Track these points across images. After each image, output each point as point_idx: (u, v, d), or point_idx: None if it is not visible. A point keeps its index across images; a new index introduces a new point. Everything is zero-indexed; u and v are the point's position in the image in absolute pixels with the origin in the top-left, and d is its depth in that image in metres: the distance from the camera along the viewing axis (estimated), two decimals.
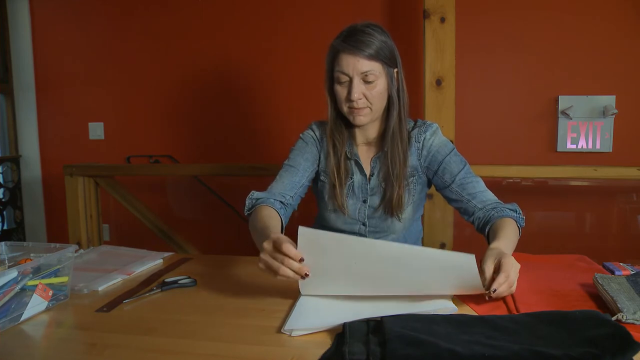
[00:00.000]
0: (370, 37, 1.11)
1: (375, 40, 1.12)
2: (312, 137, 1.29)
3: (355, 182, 1.24)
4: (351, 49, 1.11)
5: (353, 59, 1.11)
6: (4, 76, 2.87)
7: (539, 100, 2.26)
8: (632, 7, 2.14)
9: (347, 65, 1.12)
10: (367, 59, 1.11)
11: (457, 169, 1.22)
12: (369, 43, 1.11)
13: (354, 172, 1.25)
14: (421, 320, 0.77)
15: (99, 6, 2.71)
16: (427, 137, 1.24)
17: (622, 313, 0.78)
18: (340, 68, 1.13)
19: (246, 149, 2.61)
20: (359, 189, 1.24)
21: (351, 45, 1.11)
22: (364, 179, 1.24)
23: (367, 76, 1.12)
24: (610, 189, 2.26)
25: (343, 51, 1.12)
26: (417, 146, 1.24)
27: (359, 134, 1.26)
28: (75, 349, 0.80)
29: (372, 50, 1.11)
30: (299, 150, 1.27)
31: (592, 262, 1.16)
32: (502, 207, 1.15)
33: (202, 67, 2.61)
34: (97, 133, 2.79)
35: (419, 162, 1.24)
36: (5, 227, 2.88)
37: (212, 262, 1.28)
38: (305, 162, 1.25)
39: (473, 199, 1.19)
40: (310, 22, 2.44)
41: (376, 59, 1.12)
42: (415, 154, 1.24)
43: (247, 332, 0.83)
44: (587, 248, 2.18)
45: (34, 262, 0.94)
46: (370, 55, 1.11)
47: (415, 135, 1.24)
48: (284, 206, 1.19)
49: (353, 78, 1.12)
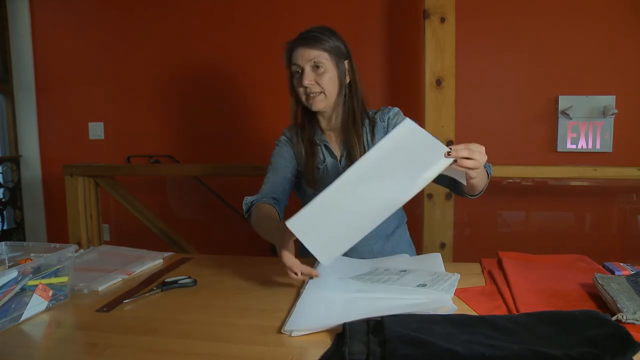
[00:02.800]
0: (315, 33, 1.27)
1: (321, 35, 1.27)
2: (285, 140, 1.42)
3: (328, 165, 1.35)
4: (300, 43, 1.27)
5: (302, 51, 1.26)
6: (4, 76, 2.87)
7: (539, 100, 2.26)
8: (632, 7, 2.14)
9: (297, 57, 1.27)
10: (314, 49, 1.26)
11: None
12: (314, 37, 1.27)
13: (325, 156, 1.35)
14: (421, 320, 0.77)
15: (99, 6, 2.71)
16: (391, 116, 1.35)
17: (622, 313, 0.79)
18: (294, 61, 1.28)
19: (246, 149, 2.61)
20: (333, 170, 1.35)
21: (300, 40, 1.27)
22: (335, 161, 1.35)
23: (316, 63, 1.26)
24: (610, 189, 2.26)
25: (294, 47, 1.28)
26: (382, 125, 1.34)
27: (324, 122, 1.37)
28: (75, 349, 0.80)
29: (318, 42, 1.26)
30: (276, 153, 1.41)
31: (592, 262, 1.16)
32: None
33: (203, 67, 2.61)
34: (97, 133, 2.79)
35: None
36: (5, 227, 2.88)
37: (212, 262, 1.28)
38: (284, 161, 1.38)
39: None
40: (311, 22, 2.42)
41: (323, 49, 1.26)
42: (381, 132, 1.34)
43: (247, 332, 0.83)
44: (587, 248, 2.17)
45: (34, 262, 0.94)
46: (316, 46, 1.26)
47: (380, 116, 1.35)
48: (277, 202, 1.31)
49: (304, 67, 1.26)
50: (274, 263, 1.34)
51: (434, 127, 2.01)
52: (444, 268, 1.12)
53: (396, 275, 1.06)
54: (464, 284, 1.04)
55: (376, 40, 2.40)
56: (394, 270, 1.10)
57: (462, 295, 0.97)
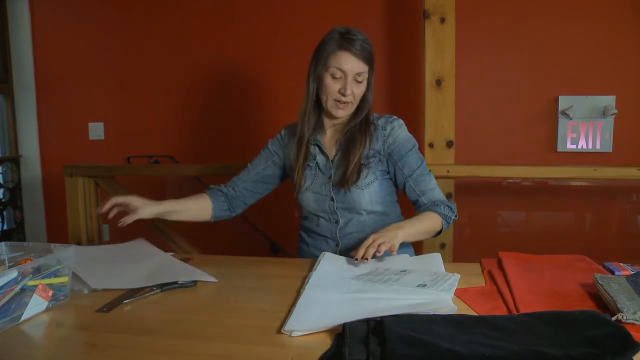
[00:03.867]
0: (365, 43, 1.26)
1: (368, 46, 1.27)
2: (278, 140, 1.46)
3: (319, 162, 1.37)
4: (352, 50, 1.24)
5: (353, 60, 1.25)
6: (4, 76, 2.87)
7: (539, 100, 2.26)
8: (632, 7, 2.14)
9: (346, 63, 1.24)
10: (363, 62, 1.26)
11: (415, 165, 1.34)
12: (365, 47, 1.26)
13: (316, 154, 1.37)
14: (421, 320, 0.77)
15: (99, 6, 2.71)
16: (395, 127, 1.35)
17: (622, 313, 0.79)
18: (339, 65, 1.25)
19: (246, 149, 2.61)
20: (324, 167, 1.36)
21: (352, 46, 1.24)
22: (326, 159, 1.37)
23: (359, 77, 1.27)
24: (610, 189, 2.26)
25: (344, 50, 1.24)
26: (383, 133, 1.35)
27: (327, 121, 1.38)
28: (75, 349, 0.80)
29: (367, 54, 1.26)
30: (261, 153, 1.48)
31: (592, 262, 1.16)
32: (440, 205, 1.30)
33: (202, 67, 2.61)
34: (97, 133, 2.79)
35: (383, 147, 1.35)
36: (5, 227, 2.88)
37: (211, 262, 1.28)
38: (259, 161, 1.46)
39: (423, 195, 1.33)
40: (311, 23, 2.44)
41: (367, 63, 1.28)
42: (380, 139, 1.35)
43: (247, 332, 0.83)
44: (587, 248, 2.17)
45: (34, 263, 0.94)
46: (365, 59, 1.26)
47: (382, 124, 1.36)
48: (223, 194, 1.44)
49: (348, 76, 1.25)
50: (274, 263, 1.35)
51: (434, 127, 2.01)
52: (444, 268, 1.12)
53: (396, 275, 1.06)
54: (464, 284, 1.04)
55: (376, 40, 2.38)
56: (394, 270, 1.10)
57: (462, 295, 0.97)
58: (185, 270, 1.18)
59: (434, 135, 1.99)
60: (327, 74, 1.27)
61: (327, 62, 1.26)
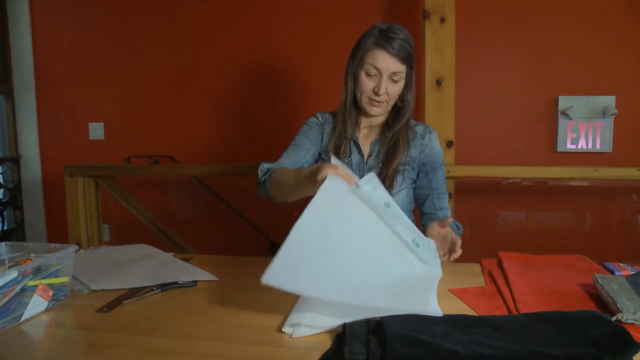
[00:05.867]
0: (404, 42, 1.22)
1: (408, 45, 1.23)
2: (316, 123, 1.38)
3: (353, 161, 1.34)
4: (389, 48, 1.20)
5: (388, 58, 1.21)
6: (4, 76, 2.87)
7: (539, 100, 2.26)
8: (632, 7, 2.14)
9: (382, 62, 1.21)
10: (399, 61, 1.22)
11: (441, 182, 1.37)
12: (403, 47, 1.22)
13: (352, 151, 1.34)
14: (421, 320, 0.77)
15: (99, 6, 2.71)
16: (432, 139, 1.37)
17: (622, 313, 0.79)
18: (374, 63, 1.22)
19: (246, 149, 2.61)
20: (357, 167, 1.34)
21: (389, 44, 1.21)
22: (361, 158, 1.34)
23: (395, 76, 1.23)
24: (610, 189, 2.26)
25: (381, 48, 1.21)
26: (421, 142, 1.35)
27: (364, 120, 1.36)
28: (75, 350, 0.80)
29: (405, 54, 1.22)
30: (303, 133, 1.37)
31: (592, 262, 1.16)
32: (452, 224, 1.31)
33: (202, 67, 2.61)
34: (97, 133, 2.79)
35: (419, 156, 1.35)
36: (5, 227, 2.88)
37: (212, 262, 1.28)
38: (309, 143, 1.35)
39: (439, 211, 1.35)
40: (310, 23, 2.44)
41: (405, 63, 1.24)
42: (418, 147, 1.35)
43: (247, 332, 0.83)
44: (587, 248, 2.18)
45: (34, 263, 0.94)
46: (402, 59, 1.22)
47: (421, 133, 1.36)
48: None
49: (383, 75, 1.22)
50: None
51: (434, 127, 1.99)
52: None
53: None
54: (464, 284, 1.04)
55: None
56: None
57: (462, 295, 0.97)
58: (185, 270, 1.18)
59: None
60: (362, 71, 1.25)
61: (363, 59, 1.24)
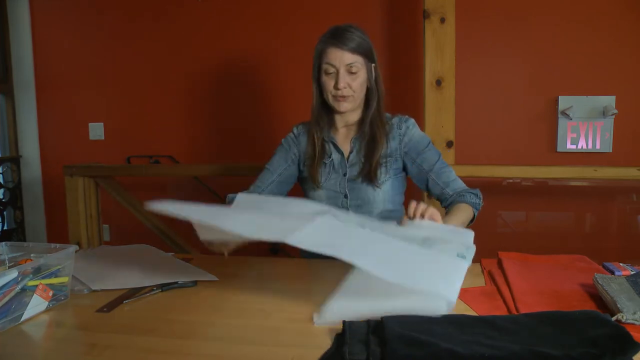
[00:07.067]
0: (352, 35, 1.28)
1: (357, 37, 1.28)
2: (292, 139, 1.45)
3: (334, 160, 1.38)
4: (338, 44, 1.27)
5: (340, 53, 1.27)
6: (4, 76, 2.87)
7: (539, 100, 2.26)
8: (632, 7, 2.14)
9: (334, 58, 1.27)
10: (351, 53, 1.27)
11: (434, 160, 1.37)
12: (352, 39, 1.27)
13: (332, 152, 1.39)
14: (421, 320, 0.77)
15: (99, 6, 2.71)
16: (410, 127, 1.39)
17: (622, 313, 0.79)
18: (328, 60, 1.28)
19: (246, 149, 2.61)
20: (339, 165, 1.38)
21: (338, 40, 1.27)
22: (341, 157, 1.38)
23: (351, 67, 1.28)
24: (610, 189, 2.26)
25: (331, 45, 1.28)
26: (399, 132, 1.38)
27: (339, 119, 1.40)
28: (75, 350, 0.80)
29: (355, 45, 1.27)
30: (277, 153, 1.46)
31: (592, 262, 1.16)
32: (466, 194, 1.32)
33: (203, 67, 2.61)
34: (97, 133, 2.79)
35: (399, 147, 1.38)
36: (5, 227, 2.88)
37: (212, 262, 1.28)
38: (279, 162, 1.44)
39: (447, 187, 1.35)
40: (310, 23, 2.44)
41: (358, 53, 1.28)
42: (397, 138, 1.38)
43: (247, 332, 0.83)
44: (587, 248, 2.18)
45: (34, 263, 0.93)
46: (353, 49, 1.27)
47: (397, 123, 1.39)
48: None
49: (339, 69, 1.27)
50: (274, 263, 1.35)
51: (434, 127, 2.01)
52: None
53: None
54: (464, 284, 1.03)
55: (376, 40, 2.37)
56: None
57: (462, 295, 0.97)
58: (185, 270, 1.18)
59: (434, 135, 1.99)
60: (322, 72, 1.31)
61: (320, 61, 1.31)
